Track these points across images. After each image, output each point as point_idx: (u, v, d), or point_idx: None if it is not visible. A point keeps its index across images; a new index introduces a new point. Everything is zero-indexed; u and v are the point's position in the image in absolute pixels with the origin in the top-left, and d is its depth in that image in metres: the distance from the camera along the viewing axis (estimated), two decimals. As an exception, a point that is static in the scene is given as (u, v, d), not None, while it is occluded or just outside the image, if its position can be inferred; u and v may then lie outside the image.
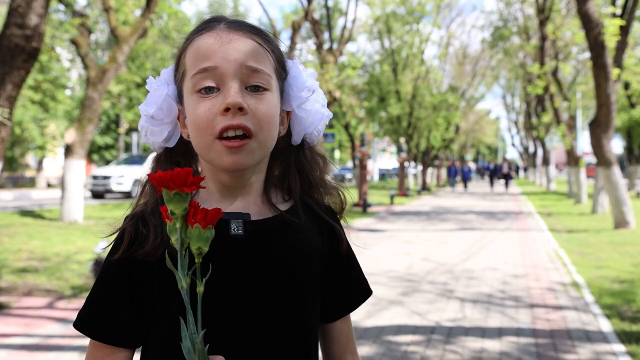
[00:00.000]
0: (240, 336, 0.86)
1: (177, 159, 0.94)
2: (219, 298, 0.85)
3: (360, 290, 1.03)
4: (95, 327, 0.87)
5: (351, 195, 1.06)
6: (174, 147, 0.94)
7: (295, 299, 0.90)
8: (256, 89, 0.84)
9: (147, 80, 0.93)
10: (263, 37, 0.89)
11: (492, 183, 28.92)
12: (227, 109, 0.82)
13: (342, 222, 1.02)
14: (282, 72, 0.92)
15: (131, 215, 0.91)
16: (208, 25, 0.88)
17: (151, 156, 1.01)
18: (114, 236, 0.91)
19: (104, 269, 0.89)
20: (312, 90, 0.93)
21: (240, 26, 0.88)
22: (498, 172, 29.25)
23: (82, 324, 0.88)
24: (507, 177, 27.76)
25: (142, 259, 0.85)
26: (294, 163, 0.97)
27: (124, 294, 0.86)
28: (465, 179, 29.48)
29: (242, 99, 0.82)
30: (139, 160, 18.91)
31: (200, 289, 0.75)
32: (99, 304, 0.87)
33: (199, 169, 0.95)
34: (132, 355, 0.90)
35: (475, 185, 36.87)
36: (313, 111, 0.94)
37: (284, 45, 0.96)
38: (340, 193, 1.02)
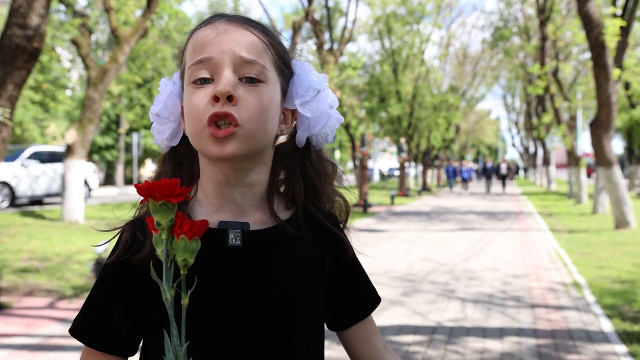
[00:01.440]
0: (236, 348, 0.84)
1: (181, 160, 0.94)
2: (214, 309, 0.84)
3: (368, 299, 1.01)
4: (89, 334, 0.86)
5: (354, 196, 1.05)
6: (178, 147, 0.94)
7: (294, 312, 0.88)
8: (251, 81, 0.83)
9: (160, 82, 0.93)
10: (263, 31, 0.88)
11: (488, 185, 27.43)
12: (216, 98, 0.81)
13: (345, 230, 1.00)
14: (284, 68, 0.90)
15: (132, 221, 0.90)
16: (209, 19, 0.88)
17: (28, 151, 0.98)
18: (111, 237, 0.90)
19: (101, 274, 0.88)
20: (317, 90, 0.91)
21: (239, 19, 0.87)
22: (495, 172, 28.00)
23: (77, 330, 0.87)
24: (505, 178, 26.91)
25: (139, 264, 0.83)
26: (298, 167, 0.95)
27: (120, 301, 0.86)
28: (464, 180, 28.59)
29: (232, 88, 0.81)
30: (10, 157, 14.39)
31: (184, 301, 0.73)
32: (94, 311, 0.87)
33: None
34: None
35: (476, 185, 36.83)
36: (318, 111, 0.92)
37: (287, 43, 0.95)
38: (345, 202, 1.00)
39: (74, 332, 0.88)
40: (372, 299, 1.02)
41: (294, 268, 0.90)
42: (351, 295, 0.99)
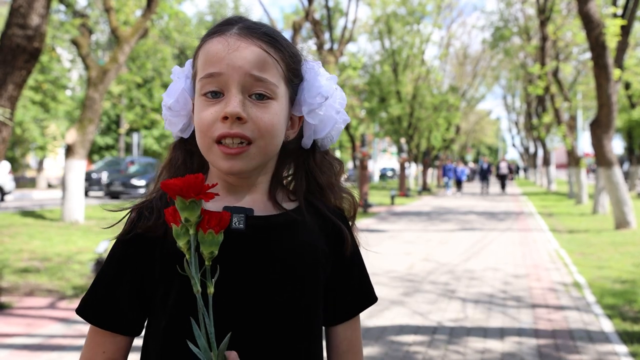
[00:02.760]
0: (239, 332, 0.85)
1: (191, 148, 0.96)
2: (217, 293, 0.84)
3: (362, 296, 1.01)
4: (96, 313, 0.89)
5: (355, 195, 1.06)
6: (190, 137, 0.96)
7: (296, 297, 0.90)
8: (260, 97, 0.85)
9: (173, 69, 0.96)
10: (274, 44, 0.88)
11: (485, 185, 25.52)
12: (226, 117, 0.83)
13: (352, 227, 1.01)
14: (293, 79, 0.91)
15: (139, 204, 0.94)
16: (221, 28, 0.89)
17: None
18: (118, 229, 0.94)
19: (109, 253, 0.92)
20: (325, 97, 0.93)
21: (251, 33, 0.88)
22: (492, 172, 25.96)
23: (84, 309, 0.90)
24: (505, 178, 25.42)
25: (145, 243, 0.87)
26: (302, 166, 0.97)
27: (126, 279, 0.89)
28: (459, 180, 27.03)
29: (241, 109, 0.83)
30: None
31: (210, 289, 0.76)
32: (101, 291, 0.90)
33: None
34: (132, 342, 0.92)
35: (476, 186, 36.79)
36: (325, 117, 0.94)
37: (297, 49, 0.96)
38: (352, 198, 1.01)
39: (80, 311, 0.90)
40: (367, 298, 1.02)
41: (297, 254, 0.91)
42: (345, 291, 0.98)
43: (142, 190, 17.85)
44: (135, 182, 18.36)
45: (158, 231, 0.87)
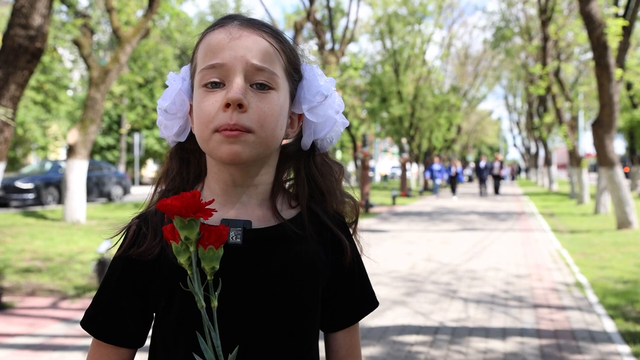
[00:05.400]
0: (241, 343, 0.85)
1: (188, 156, 0.95)
2: (217, 306, 0.85)
3: (363, 304, 1.00)
4: (99, 327, 0.89)
5: (356, 196, 1.05)
6: (185, 143, 0.95)
7: (295, 306, 0.89)
8: (261, 87, 0.84)
9: (168, 75, 0.95)
10: (275, 37, 0.89)
11: (481, 187, 23.35)
12: (227, 105, 0.82)
13: (352, 233, 1.00)
14: (294, 74, 0.91)
15: (139, 215, 0.93)
16: (222, 22, 0.89)
17: None
18: (119, 235, 0.92)
19: (109, 267, 0.91)
20: (325, 96, 0.92)
21: (252, 24, 0.88)
22: (487, 172, 23.31)
23: (88, 323, 0.90)
24: (498, 179, 23.16)
25: (140, 259, 0.86)
26: (303, 169, 0.96)
27: (127, 294, 0.88)
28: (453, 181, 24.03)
29: (242, 96, 0.82)
30: None
31: (214, 303, 0.76)
32: (104, 304, 0.89)
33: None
34: (135, 353, 0.92)
35: (475, 187, 36.74)
36: (324, 116, 0.93)
37: (296, 47, 0.96)
38: (354, 203, 1.00)
39: (85, 325, 0.90)
40: (368, 303, 1.01)
41: (295, 264, 0.90)
42: (346, 298, 0.98)
43: (30, 195, 14.67)
44: (20, 184, 14.83)
45: (152, 253, 0.86)
